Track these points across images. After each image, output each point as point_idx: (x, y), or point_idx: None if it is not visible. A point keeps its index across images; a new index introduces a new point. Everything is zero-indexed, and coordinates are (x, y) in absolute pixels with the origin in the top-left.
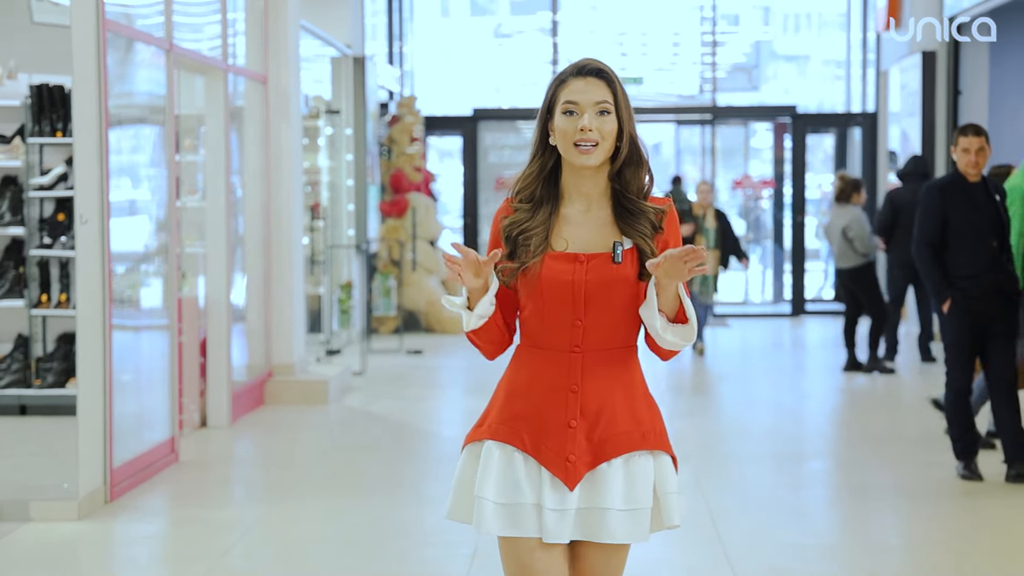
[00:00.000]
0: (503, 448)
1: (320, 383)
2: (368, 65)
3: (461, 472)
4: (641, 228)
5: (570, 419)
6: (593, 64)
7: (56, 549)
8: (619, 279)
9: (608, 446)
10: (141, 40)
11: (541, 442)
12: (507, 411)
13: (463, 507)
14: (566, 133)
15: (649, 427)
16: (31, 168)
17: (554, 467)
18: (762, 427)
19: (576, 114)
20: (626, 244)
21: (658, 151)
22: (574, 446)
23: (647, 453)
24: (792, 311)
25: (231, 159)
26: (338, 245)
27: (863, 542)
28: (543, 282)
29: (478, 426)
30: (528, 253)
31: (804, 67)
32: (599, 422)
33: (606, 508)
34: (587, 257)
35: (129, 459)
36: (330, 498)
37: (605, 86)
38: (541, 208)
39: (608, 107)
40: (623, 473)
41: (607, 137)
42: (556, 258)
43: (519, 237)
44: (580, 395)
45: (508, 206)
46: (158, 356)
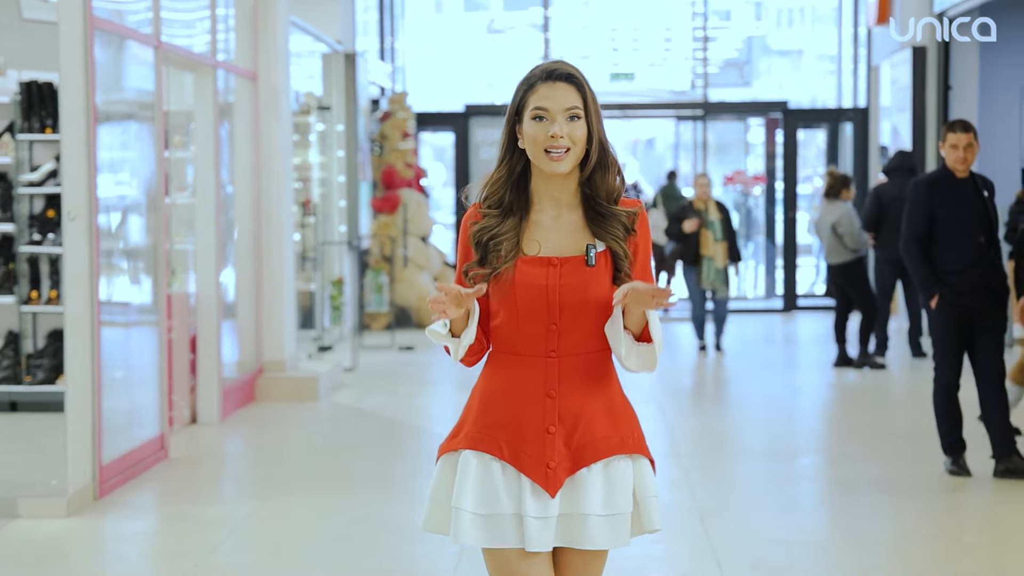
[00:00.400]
0: (480, 457)
1: (311, 379)
2: (359, 61)
3: (436, 483)
4: (613, 231)
5: (548, 425)
6: (563, 68)
7: (44, 546)
8: (593, 282)
9: (587, 451)
10: (129, 37)
11: (520, 449)
12: (484, 419)
13: (440, 519)
14: (536, 139)
15: (627, 431)
16: (21, 164)
17: (534, 474)
18: (752, 423)
19: (546, 120)
20: (599, 247)
21: (652, 146)
22: (553, 452)
23: (626, 457)
24: (784, 306)
25: (220, 155)
26: (330, 241)
27: (850, 538)
28: (517, 287)
29: (453, 436)
30: (500, 258)
31: (796, 62)
32: (577, 427)
33: (586, 514)
34: (560, 261)
35: (118, 456)
36: (320, 494)
37: (575, 91)
38: (511, 213)
39: (578, 112)
40: (603, 478)
41: (578, 143)
42: (529, 262)
43: (489, 243)
44: (558, 400)
45: (476, 212)
46: (147, 353)
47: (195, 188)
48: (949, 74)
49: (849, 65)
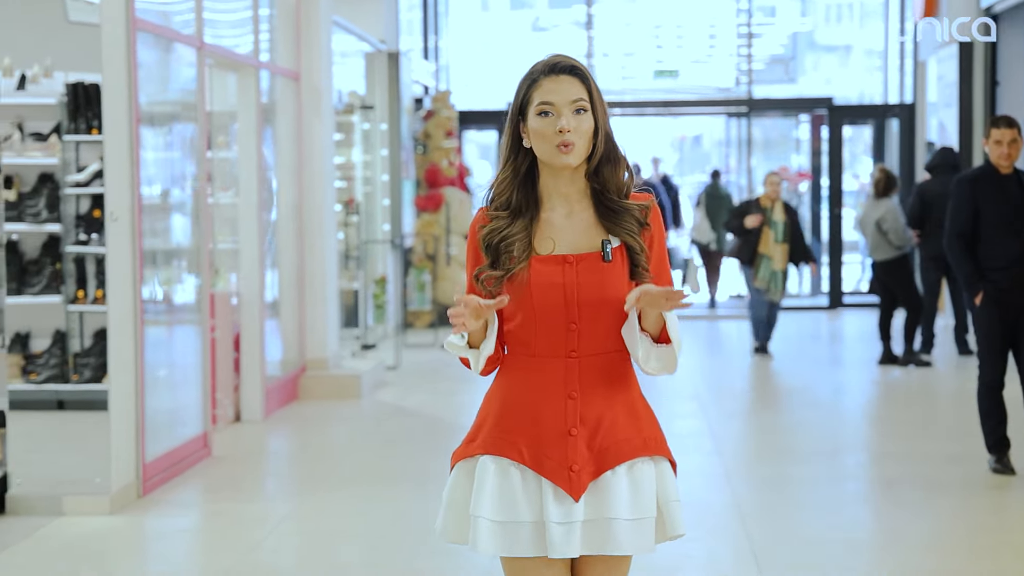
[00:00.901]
0: (498, 462)
1: (353, 378)
2: (402, 60)
3: (452, 491)
4: (627, 225)
5: (570, 427)
6: (566, 61)
7: (87, 543)
8: (611, 278)
9: (610, 454)
10: (171, 38)
11: (541, 453)
12: (502, 423)
13: (457, 527)
14: (543, 135)
15: (649, 433)
16: (67, 165)
17: (557, 478)
18: (795, 421)
19: (552, 115)
20: (614, 242)
21: (699, 143)
22: (576, 455)
23: (648, 460)
24: (829, 304)
25: (263, 155)
26: (373, 240)
27: (891, 536)
28: (533, 287)
29: (469, 441)
30: (513, 259)
31: (842, 58)
32: (600, 429)
33: (612, 518)
34: (576, 258)
35: (162, 453)
36: (360, 492)
37: (580, 83)
38: (520, 213)
39: (584, 105)
40: (627, 481)
41: (584, 136)
42: (544, 261)
43: (500, 244)
44: (579, 401)
45: (483, 216)
46: (191, 351)
47: (238, 188)
48: (997, 69)
49: (896, 61)
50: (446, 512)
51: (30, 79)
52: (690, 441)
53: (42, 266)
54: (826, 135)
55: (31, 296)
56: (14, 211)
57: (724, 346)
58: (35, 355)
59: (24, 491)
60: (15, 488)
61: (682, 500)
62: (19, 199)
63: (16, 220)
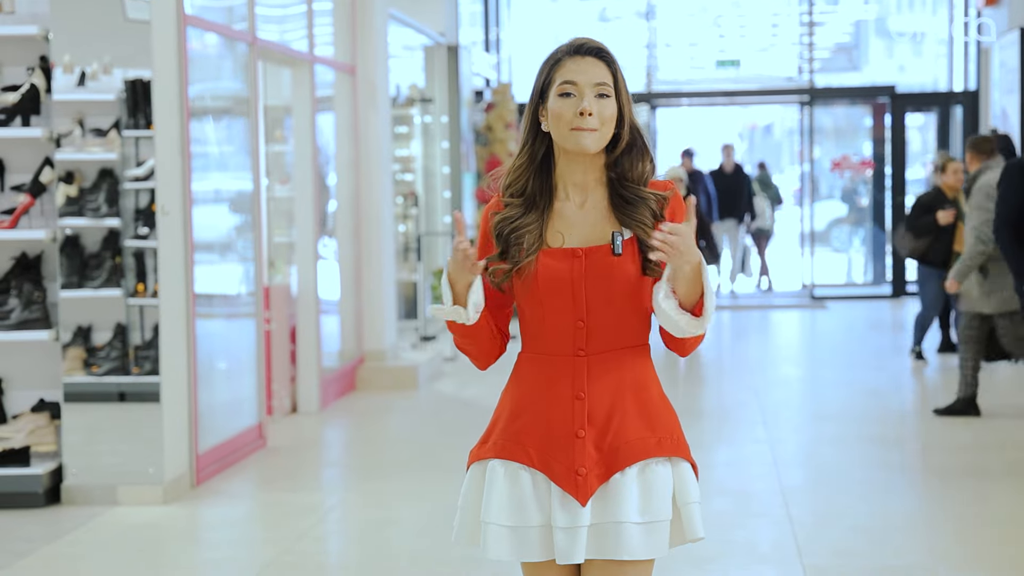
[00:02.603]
0: (508, 466)
1: (410, 369)
2: (462, 53)
3: (466, 493)
4: (640, 217)
5: (577, 428)
6: (591, 43)
7: (139, 532)
8: (621, 272)
9: (620, 455)
10: (223, 34)
11: (549, 455)
12: (511, 425)
13: (470, 531)
14: (562, 116)
15: (665, 432)
16: (127, 160)
17: (564, 482)
18: (848, 408)
19: (574, 96)
20: (626, 235)
21: (770, 132)
22: (584, 457)
23: (664, 460)
24: (892, 292)
25: (318, 149)
26: (433, 232)
27: (933, 523)
28: (539, 281)
29: (482, 443)
30: (522, 251)
31: (906, 46)
32: (608, 429)
33: (621, 522)
34: (585, 251)
35: (216, 444)
36: (412, 482)
37: (604, 67)
38: (534, 203)
39: (608, 90)
40: (638, 483)
41: (607, 122)
42: (551, 255)
43: (511, 235)
44: (587, 402)
45: (498, 202)
46: (245, 344)
47: (293, 181)
48: None
49: (960, 48)
50: (460, 515)
51: (89, 76)
52: (742, 429)
53: (102, 260)
54: (889, 123)
55: (92, 290)
56: (75, 206)
57: (778, 334)
58: (97, 348)
59: (79, 481)
60: (71, 478)
61: (701, 501)
62: (80, 194)
63: (77, 215)
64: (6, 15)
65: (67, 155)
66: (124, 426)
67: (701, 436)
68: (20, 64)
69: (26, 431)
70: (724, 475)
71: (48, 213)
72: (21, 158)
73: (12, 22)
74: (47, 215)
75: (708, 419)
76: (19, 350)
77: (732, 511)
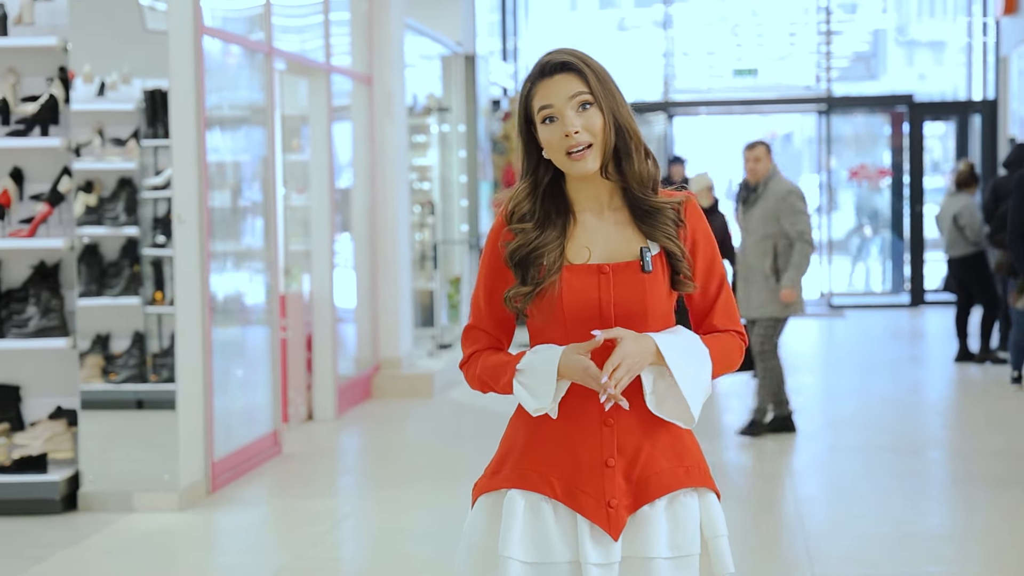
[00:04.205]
0: (528, 497)
1: (426, 377)
2: (479, 63)
3: (474, 528)
4: (665, 227)
5: (607, 457)
6: (555, 59)
7: (154, 538)
8: (652, 290)
9: (650, 485)
10: (239, 44)
11: (575, 487)
12: (531, 453)
13: (480, 568)
14: (552, 144)
15: (692, 462)
16: (145, 169)
17: (594, 515)
18: (865, 417)
19: (556, 119)
20: (653, 249)
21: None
22: (614, 489)
23: (691, 491)
24: (911, 301)
25: (334, 158)
26: (450, 240)
27: (945, 532)
28: (564, 301)
29: (494, 472)
30: (543, 270)
31: (924, 55)
32: (638, 459)
33: (651, 557)
34: (612, 268)
35: (231, 451)
36: (426, 489)
37: (575, 77)
38: (550, 220)
39: (587, 99)
40: (667, 516)
41: (598, 133)
42: (576, 271)
43: (531, 256)
44: (616, 429)
45: (504, 231)
46: (261, 352)
47: (309, 190)
48: None
49: (979, 57)
50: (466, 551)
51: (109, 86)
52: (758, 437)
53: (121, 268)
54: (907, 132)
55: (111, 298)
56: (94, 215)
57: (795, 342)
58: (115, 356)
59: (96, 488)
60: (87, 485)
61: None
62: (99, 203)
63: (96, 224)
64: (25, 26)
65: (86, 164)
66: (140, 433)
67: (710, 448)
68: (39, 75)
69: (43, 438)
70: (738, 483)
71: (66, 222)
72: (40, 167)
73: (31, 33)
74: (65, 224)
75: (725, 429)
76: (37, 358)
77: (746, 519)
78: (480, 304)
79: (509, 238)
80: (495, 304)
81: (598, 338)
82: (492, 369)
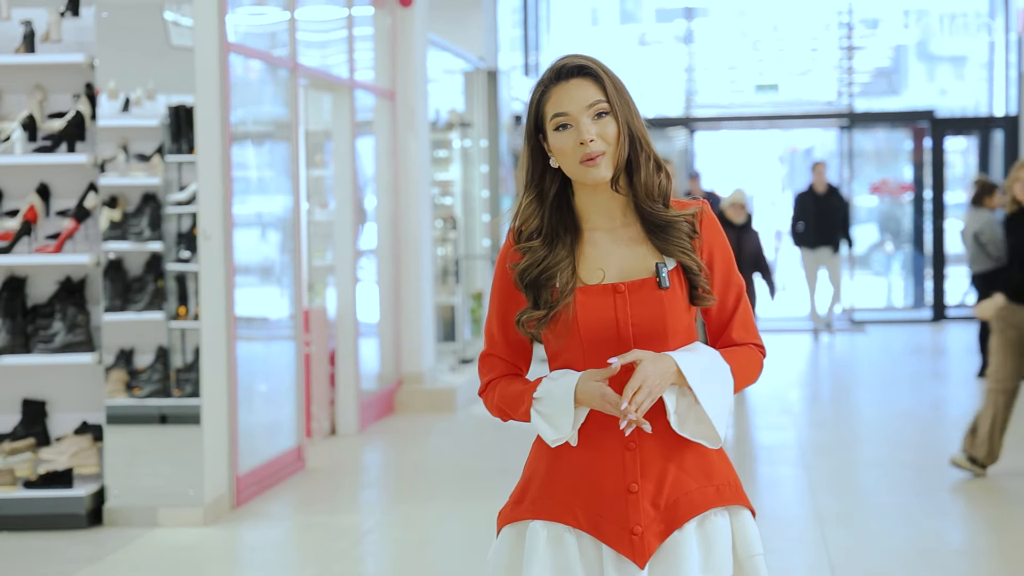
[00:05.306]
0: (550, 528)
1: (448, 391)
2: (500, 78)
3: (498, 560)
4: (679, 241)
5: (630, 482)
6: (572, 62)
7: (179, 554)
8: (670, 306)
9: (681, 508)
10: (264, 60)
11: (598, 514)
12: (552, 482)
13: None
14: (565, 152)
15: (722, 479)
16: (169, 185)
17: (618, 543)
18: (886, 433)
19: (570, 126)
20: (669, 265)
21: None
22: (639, 515)
23: (723, 510)
24: (933, 316)
25: (358, 173)
26: (472, 255)
27: (971, 550)
28: (580, 324)
29: (516, 502)
30: (555, 293)
31: (946, 71)
32: (665, 482)
33: None
34: (628, 286)
35: (256, 466)
36: (449, 504)
37: (592, 84)
38: (558, 237)
39: (604, 107)
40: (698, 538)
41: (612, 142)
42: (590, 292)
43: (541, 277)
44: (639, 452)
45: (512, 251)
46: (285, 366)
47: (333, 205)
48: None
49: (1000, 72)
50: None
51: (133, 102)
52: (776, 453)
53: (145, 283)
54: (929, 147)
55: (135, 313)
56: (118, 230)
57: (817, 356)
58: (139, 371)
59: (121, 503)
60: (112, 500)
61: (764, 552)
62: (123, 218)
63: (120, 239)
64: (53, 43)
65: (111, 180)
66: (165, 448)
67: (734, 461)
68: (66, 91)
69: (69, 453)
70: (760, 499)
71: (92, 238)
72: (66, 183)
73: (59, 50)
74: (91, 239)
75: (741, 443)
76: (63, 373)
77: (767, 536)
78: (493, 330)
79: (517, 259)
80: (508, 329)
81: (614, 365)
82: (510, 399)
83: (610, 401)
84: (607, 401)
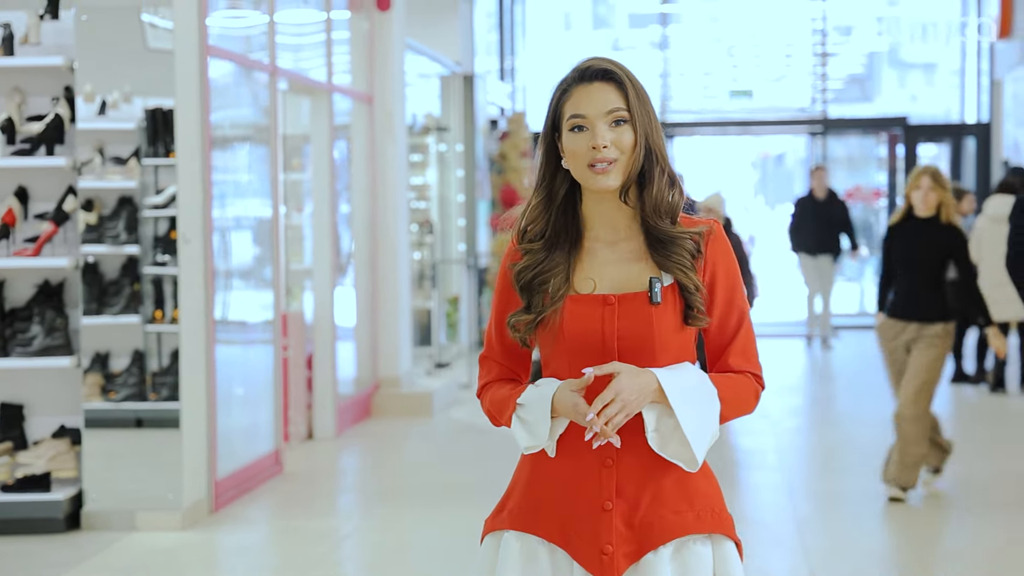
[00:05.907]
0: (524, 540)
1: (425, 396)
2: (477, 82)
3: (481, 567)
4: (679, 259)
5: (604, 500)
6: (598, 64)
7: (158, 557)
8: (659, 323)
9: (654, 531)
10: (243, 64)
11: (572, 530)
12: (531, 493)
13: None
14: (576, 153)
15: (704, 505)
16: (146, 188)
17: (587, 561)
18: (862, 440)
19: (586, 129)
20: (665, 280)
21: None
22: (611, 533)
23: (704, 538)
24: None
25: (335, 177)
26: (448, 260)
27: (947, 554)
28: (565, 332)
29: (498, 511)
30: (546, 298)
31: (918, 78)
32: (641, 502)
33: None
34: (618, 299)
35: (234, 471)
36: (427, 509)
37: (615, 90)
38: (559, 243)
39: (623, 115)
40: (674, 566)
41: (626, 151)
42: (580, 302)
43: (535, 281)
44: (615, 470)
45: (515, 251)
46: (263, 370)
47: (311, 209)
48: None
49: (972, 79)
50: None
51: (110, 105)
52: (755, 458)
53: (121, 287)
54: (902, 154)
55: (111, 316)
56: (94, 233)
57: (791, 363)
58: (114, 374)
59: (99, 507)
60: (91, 504)
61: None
62: (99, 222)
63: (96, 242)
64: (31, 46)
65: (87, 183)
66: (143, 452)
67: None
68: (45, 94)
69: (47, 457)
70: (739, 504)
71: (71, 241)
72: (45, 186)
73: (38, 53)
74: (70, 243)
75: (720, 448)
76: (40, 376)
77: (746, 541)
78: (492, 332)
79: (518, 259)
80: (504, 331)
81: (588, 375)
82: (498, 403)
83: (580, 412)
84: (578, 412)
